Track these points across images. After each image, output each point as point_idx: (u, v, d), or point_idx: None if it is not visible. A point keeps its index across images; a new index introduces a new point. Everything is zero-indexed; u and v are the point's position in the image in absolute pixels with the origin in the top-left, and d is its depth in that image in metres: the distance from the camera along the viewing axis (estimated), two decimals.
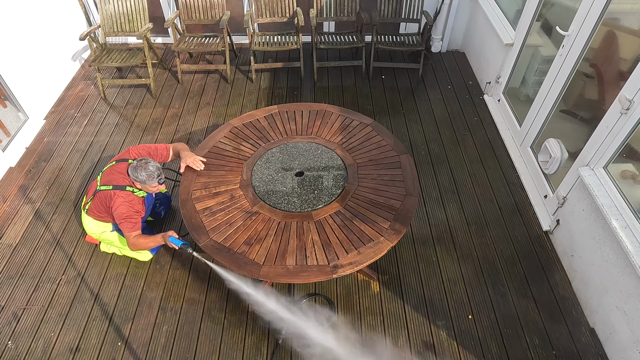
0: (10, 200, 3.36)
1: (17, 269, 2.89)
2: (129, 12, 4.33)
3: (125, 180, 2.57)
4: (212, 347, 2.51)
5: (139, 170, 2.50)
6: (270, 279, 2.10)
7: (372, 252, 2.18)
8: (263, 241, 2.25)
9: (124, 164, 2.62)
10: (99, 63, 4.19)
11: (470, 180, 3.52)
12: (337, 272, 2.10)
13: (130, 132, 4.00)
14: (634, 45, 2.56)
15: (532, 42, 3.64)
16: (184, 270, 2.89)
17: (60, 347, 2.52)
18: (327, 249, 2.20)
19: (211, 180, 2.58)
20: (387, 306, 2.69)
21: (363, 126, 2.93)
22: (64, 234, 3.11)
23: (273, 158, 2.69)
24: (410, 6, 4.53)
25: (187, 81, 4.65)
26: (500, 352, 2.48)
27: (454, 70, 4.82)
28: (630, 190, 2.41)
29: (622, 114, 2.36)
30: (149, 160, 2.55)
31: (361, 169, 2.63)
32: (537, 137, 3.41)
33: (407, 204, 2.42)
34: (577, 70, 2.92)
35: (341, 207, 2.41)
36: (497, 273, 2.86)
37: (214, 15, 4.50)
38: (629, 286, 2.27)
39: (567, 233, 2.85)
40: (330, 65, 4.67)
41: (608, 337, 2.45)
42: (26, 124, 3.94)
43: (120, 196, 2.53)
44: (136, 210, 2.58)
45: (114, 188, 2.55)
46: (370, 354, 2.40)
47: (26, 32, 4.01)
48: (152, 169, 2.51)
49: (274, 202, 2.43)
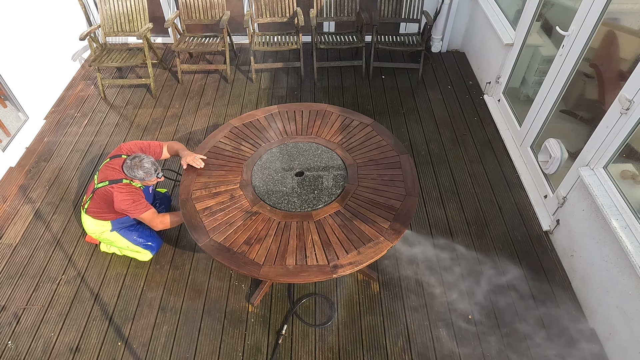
0: (10, 200, 3.36)
1: (17, 269, 2.89)
2: (129, 12, 4.33)
3: (120, 174, 2.57)
4: (212, 347, 2.51)
5: (135, 169, 2.50)
6: (271, 279, 2.11)
7: (372, 252, 2.18)
8: (263, 241, 2.25)
9: (117, 159, 2.61)
10: (99, 63, 4.19)
11: (470, 180, 3.52)
12: (337, 272, 2.10)
13: (130, 132, 4.00)
14: (634, 45, 2.56)
15: (532, 42, 3.64)
16: (184, 270, 2.89)
17: (60, 347, 2.52)
18: (327, 249, 2.20)
19: (211, 180, 2.58)
20: (387, 306, 2.69)
21: (363, 126, 2.93)
22: (64, 234, 3.11)
23: (273, 158, 2.69)
24: (410, 6, 4.53)
25: (187, 81, 4.65)
26: (500, 352, 2.48)
27: (454, 70, 4.82)
28: (630, 190, 2.41)
29: (622, 114, 2.36)
30: (142, 156, 2.53)
31: (361, 169, 2.63)
32: (537, 137, 3.41)
33: (407, 204, 2.42)
34: (577, 70, 2.92)
35: (341, 207, 2.41)
36: (497, 273, 2.86)
37: (214, 15, 4.50)
38: (629, 286, 2.27)
39: (567, 233, 2.85)
40: (330, 65, 4.67)
41: (608, 337, 2.45)
42: (26, 123, 3.94)
43: (119, 188, 2.53)
44: (139, 195, 2.59)
45: (110, 183, 2.55)
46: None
47: (26, 32, 4.01)
48: (148, 166, 2.52)
49: (274, 202, 2.43)
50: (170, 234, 3.11)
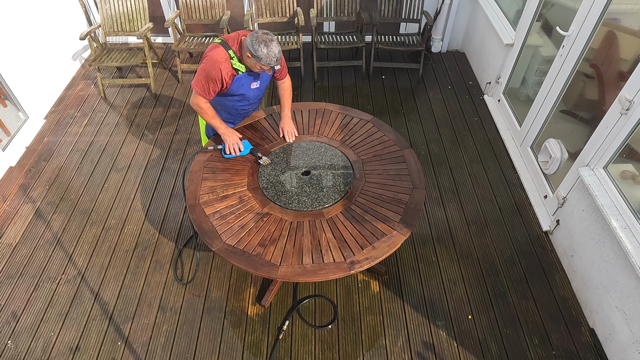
0: (10, 200, 3.36)
1: (17, 269, 2.89)
2: (129, 11, 4.33)
3: (235, 43, 2.35)
4: (212, 347, 2.51)
5: (261, 44, 2.20)
6: (289, 279, 2.10)
7: (386, 247, 2.19)
8: (277, 242, 2.24)
9: (245, 31, 2.40)
10: (99, 63, 4.19)
11: (470, 180, 3.52)
12: (355, 268, 2.10)
13: (130, 131, 4.00)
14: (634, 45, 2.56)
15: (532, 42, 3.64)
16: (184, 270, 2.89)
17: (60, 346, 2.52)
18: (342, 246, 2.21)
19: (217, 184, 2.57)
20: (387, 306, 2.70)
21: (364, 123, 2.94)
22: (64, 234, 3.11)
23: (277, 158, 2.69)
24: (410, 6, 4.53)
25: (187, 81, 4.65)
26: (500, 352, 2.48)
27: (454, 70, 4.82)
28: (630, 191, 2.41)
29: (622, 114, 2.36)
30: (274, 39, 2.24)
31: (366, 165, 2.64)
32: (537, 137, 3.41)
33: (415, 197, 2.43)
34: (577, 71, 2.92)
35: (351, 203, 2.42)
36: (497, 273, 2.87)
37: (214, 15, 4.50)
38: (629, 286, 2.27)
39: (567, 233, 2.86)
40: (331, 65, 4.67)
41: (608, 337, 2.45)
42: (26, 123, 3.94)
43: (215, 51, 2.33)
44: (213, 77, 2.36)
45: (221, 43, 2.36)
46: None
47: (26, 31, 4.01)
48: (275, 51, 2.23)
49: (284, 202, 2.43)
50: (170, 234, 3.11)
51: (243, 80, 2.51)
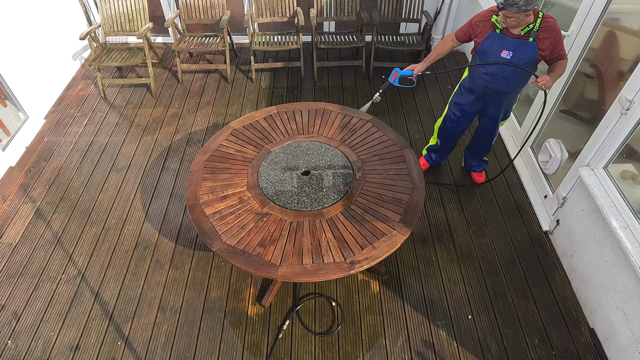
0: (10, 200, 3.36)
1: (17, 268, 2.89)
2: (129, 11, 4.33)
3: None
4: (212, 347, 2.51)
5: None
6: (289, 279, 2.10)
7: (386, 246, 2.19)
8: (277, 242, 2.24)
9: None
10: (99, 62, 4.19)
11: (470, 180, 3.52)
12: (355, 268, 2.10)
13: (130, 131, 4.00)
14: (634, 45, 2.56)
15: None
16: (184, 269, 2.89)
17: (60, 346, 2.52)
18: (342, 246, 2.21)
19: (217, 184, 2.57)
20: (387, 306, 2.70)
21: (363, 122, 2.94)
22: (64, 234, 3.11)
23: (277, 159, 2.69)
24: (410, 6, 4.53)
25: (187, 81, 4.65)
26: (500, 352, 2.48)
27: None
28: (630, 190, 2.41)
29: (622, 114, 2.36)
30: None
31: (366, 165, 2.64)
32: (537, 137, 3.41)
33: (415, 196, 2.43)
34: (577, 71, 2.92)
35: (351, 203, 2.42)
36: (497, 273, 2.87)
37: (214, 14, 4.50)
38: (629, 286, 2.27)
39: (567, 233, 2.86)
40: (331, 65, 4.67)
41: (608, 337, 2.45)
42: (26, 123, 3.94)
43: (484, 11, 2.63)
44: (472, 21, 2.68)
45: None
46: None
47: (26, 31, 4.01)
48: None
49: (284, 203, 2.43)
50: (170, 233, 3.11)
51: (495, 40, 2.56)
